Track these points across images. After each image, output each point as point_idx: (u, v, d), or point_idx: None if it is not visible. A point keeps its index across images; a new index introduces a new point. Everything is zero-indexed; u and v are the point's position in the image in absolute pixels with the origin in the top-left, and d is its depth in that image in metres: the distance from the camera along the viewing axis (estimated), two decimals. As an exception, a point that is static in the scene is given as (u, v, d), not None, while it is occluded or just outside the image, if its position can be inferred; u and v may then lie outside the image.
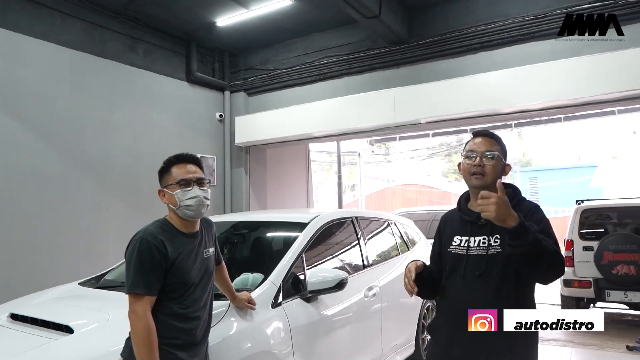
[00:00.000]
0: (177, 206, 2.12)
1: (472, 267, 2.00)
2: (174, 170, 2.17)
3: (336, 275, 3.10)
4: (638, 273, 6.38)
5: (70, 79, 5.89)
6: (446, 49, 6.24)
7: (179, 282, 2.06)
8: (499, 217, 1.73)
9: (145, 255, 1.99)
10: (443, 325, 2.12)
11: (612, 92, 5.14)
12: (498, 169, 2.03)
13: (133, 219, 6.37)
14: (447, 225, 2.22)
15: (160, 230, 2.09)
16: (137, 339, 1.92)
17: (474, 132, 2.14)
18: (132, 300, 1.97)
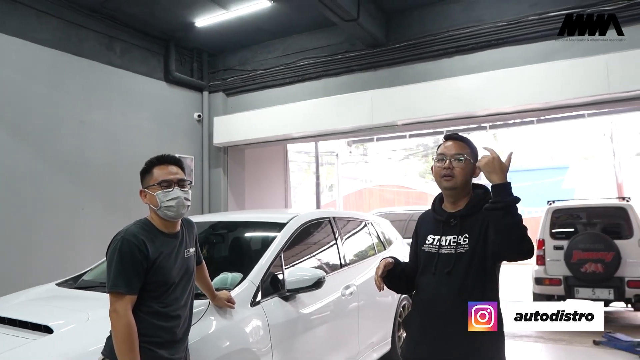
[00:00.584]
0: (158, 207, 2.15)
1: (442, 264, 2.10)
2: (156, 171, 2.20)
3: (314, 274, 3.16)
4: (604, 271, 6.63)
5: (46, 78, 5.83)
6: (422, 53, 6.37)
7: (160, 281, 2.08)
8: (485, 168, 1.90)
9: (126, 255, 2.01)
10: (416, 320, 2.20)
11: (580, 97, 5.33)
12: (467, 171, 2.11)
13: (111, 219, 6.34)
14: (422, 225, 2.31)
15: (142, 230, 2.12)
16: (119, 337, 1.94)
17: (445, 136, 2.23)
18: (113, 299, 1.99)
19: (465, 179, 2.11)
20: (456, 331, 2.02)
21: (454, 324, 2.03)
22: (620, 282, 6.65)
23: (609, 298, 6.77)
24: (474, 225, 2.07)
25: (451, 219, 2.14)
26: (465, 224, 2.10)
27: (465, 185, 2.14)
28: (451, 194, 2.15)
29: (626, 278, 6.58)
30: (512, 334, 6.38)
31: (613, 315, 7.74)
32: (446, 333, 2.05)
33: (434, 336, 2.08)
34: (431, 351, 2.09)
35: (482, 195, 2.13)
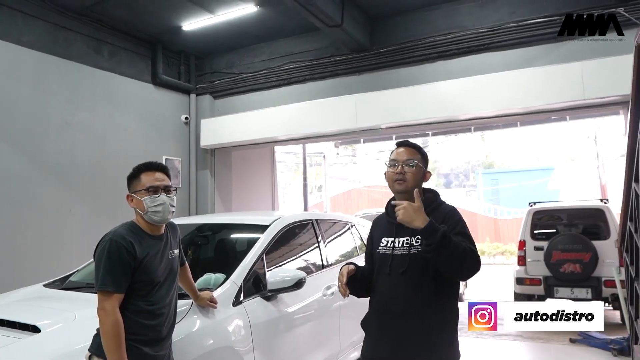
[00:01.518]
0: (144, 211, 2.25)
1: (396, 265, 2.17)
2: (143, 177, 2.31)
3: (295, 275, 3.27)
4: (582, 271, 6.80)
5: (32, 80, 5.87)
6: (406, 58, 6.51)
7: (146, 280, 2.18)
8: (405, 219, 1.98)
9: (115, 256, 2.11)
10: (374, 320, 2.27)
11: (557, 103, 5.51)
12: (418, 176, 2.22)
13: (97, 220, 6.40)
14: (376, 228, 2.40)
15: (129, 232, 2.22)
16: (106, 334, 2.03)
17: (396, 143, 2.32)
18: (101, 298, 2.08)
19: (416, 183, 2.21)
20: (414, 329, 2.10)
21: (411, 322, 2.11)
22: (597, 281, 6.83)
23: (587, 297, 6.94)
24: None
25: None
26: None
27: (417, 188, 2.20)
28: (403, 198, 2.20)
29: (603, 278, 6.75)
30: (492, 333, 6.54)
31: (592, 314, 7.93)
32: (404, 331, 2.12)
33: (393, 335, 2.15)
34: (390, 349, 2.15)
35: (432, 198, 2.26)
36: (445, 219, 2.14)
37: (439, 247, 1.93)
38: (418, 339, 2.10)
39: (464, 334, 6.50)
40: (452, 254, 1.94)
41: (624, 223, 3.29)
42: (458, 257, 1.95)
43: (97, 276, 2.11)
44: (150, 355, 2.17)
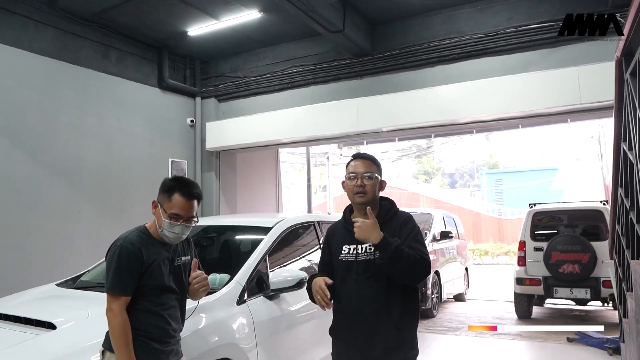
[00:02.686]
0: (160, 228, 2.34)
1: (362, 270, 2.27)
2: (175, 199, 2.32)
3: (296, 275, 3.42)
4: (581, 271, 6.92)
5: (42, 86, 6.03)
6: (406, 62, 6.64)
7: (153, 285, 2.30)
8: (360, 236, 2.17)
9: (123, 261, 2.24)
10: (344, 326, 2.35)
11: (555, 107, 5.61)
12: (377, 186, 2.37)
13: (105, 222, 6.57)
14: (334, 236, 2.48)
15: (139, 238, 2.33)
16: (114, 333, 2.17)
17: (353, 155, 2.47)
18: (109, 300, 2.22)
19: (375, 194, 2.36)
20: (385, 330, 2.22)
21: (382, 323, 2.23)
22: (596, 282, 6.94)
23: (586, 297, 7.08)
24: (388, 233, 2.22)
25: None
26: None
27: (375, 199, 2.38)
28: (363, 208, 2.29)
29: (602, 278, 6.86)
30: (491, 332, 6.68)
31: (592, 314, 8.05)
32: (376, 332, 2.23)
33: (365, 337, 2.25)
34: (362, 352, 2.26)
35: (388, 206, 2.41)
36: (402, 226, 2.31)
37: (392, 259, 2.11)
38: (389, 339, 2.23)
39: (464, 333, 6.66)
40: (403, 265, 2.13)
41: (613, 226, 3.41)
42: (409, 267, 2.14)
43: (106, 279, 2.25)
44: (158, 349, 2.30)
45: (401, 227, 2.31)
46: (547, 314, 8.09)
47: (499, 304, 9.09)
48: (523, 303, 7.64)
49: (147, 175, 7.28)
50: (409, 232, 2.29)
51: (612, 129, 2.76)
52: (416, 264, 2.16)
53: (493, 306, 8.99)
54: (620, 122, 2.50)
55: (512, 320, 7.59)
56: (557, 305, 8.60)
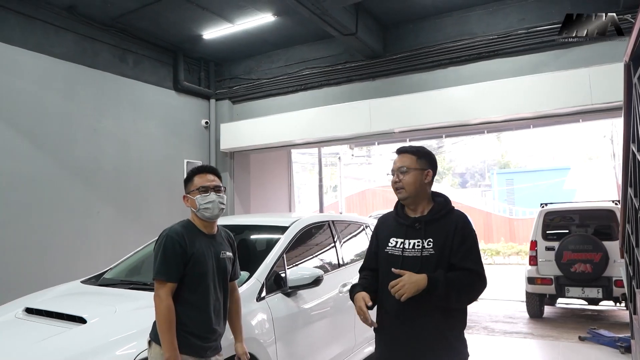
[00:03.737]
0: (197, 209, 2.48)
1: (408, 267, 2.14)
2: (196, 179, 2.54)
3: (313, 273, 3.52)
4: (593, 271, 6.93)
5: (62, 89, 6.21)
6: (418, 64, 6.72)
7: (196, 273, 2.39)
8: (412, 292, 2.05)
9: (169, 249, 2.36)
10: (386, 322, 2.26)
11: (565, 107, 5.67)
12: (415, 180, 2.24)
13: (122, 221, 6.73)
14: (383, 227, 2.39)
15: (183, 229, 2.46)
16: (160, 318, 2.28)
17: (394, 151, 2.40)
18: (157, 286, 2.33)
19: (414, 188, 2.24)
20: (429, 331, 2.14)
21: (426, 324, 2.14)
22: (608, 281, 6.94)
23: (598, 297, 7.08)
24: (439, 231, 2.18)
25: (416, 223, 2.24)
26: (429, 228, 2.21)
27: (418, 194, 2.25)
28: (407, 203, 2.28)
29: (614, 278, 6.86)
30: (503, 331, 6.73)
31: (604, 313, 8.05)
32: (420, 333, 2.15)
33: (408, 337, 2.17)
34: (406, 351, 2.18)
35: (443, 204, 2.28)
36: (455, 231, 2.18)
37: (446, 295, 2.07)
38: (433, 341, 2.15)
39: (476, 331, 6.72)
40: (459, 294, 2.10)
41: (623, 225, 3.48)
42: (465, 294, 2.13)
43: (154, 267, 2.37)
44: (198, 345, 2.39)
45: (455, 233, 2.18)
46: (558, 314, 8.12)
47: (511, 303, 9.12)
48: (535, 302, 7.66)
49: (163, 176, 7.45)
50: (462, 241, 2.17)
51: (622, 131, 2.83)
52: (472, 289, 2.13)
53: (504, 306, 9.01)
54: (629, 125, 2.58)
55: (524, 319, 7.63)
56: (569, 305, 8.61)
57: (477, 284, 2.14)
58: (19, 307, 3.14)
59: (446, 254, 2.16)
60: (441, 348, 2.16)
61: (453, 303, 2.14)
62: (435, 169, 2.32)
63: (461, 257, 2.15)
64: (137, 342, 2.51)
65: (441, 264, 2.15)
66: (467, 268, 2.13)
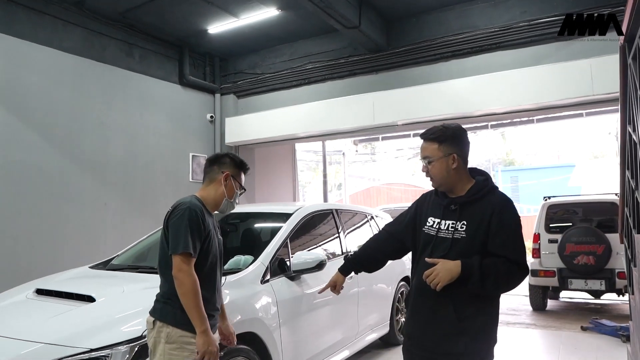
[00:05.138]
0: (230, 198, 2.50)
1: (437, 248, 2.11)
2: (243, 176, 2.60)
3: (316, 257, 3.60)
4: (596, 263, 6.94)
5: (71, 83, 6.31)
6: (421, 57, 6.78)
7: (207, 252, 2.35)
8: (447, 280, 2.00)
9: (194, 222, 2.26)
10: (411, 299, 2.28)
11: (567, 98, 5.71)
12: (442, 168, 2.13)
13: (129, 213, 6.84)
14: (424, 204, 2.32)
15: (200, 205, 2.39)
16: (188, 293, 2.17)
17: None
18: (180, 260, 2.19)
19: (442, 176, 2.14)
20: (444, 314, 2.08)
21: (442, 307, 2.08)
22: (611, 273, 6.96)
23: (601, 289, 7.09)
24: (474, 214, 2.08)
25: (452, 204, 2.15)
26: (465, 210, 2.11)
27: (449, 180, 2.15)
28: (442, 190, 2.20)
29: (617, 270, 6.88)
30: (506, 322, 6.78)
31: (607, 306, 8.08)
32: (434, 314, 2.11)
33: (424, 316, 2.16)
34: (421, 329, 2.18)
35: (483, 183, 2.15)
36: (492, 216, 2.06)
37: (482, 283, 1.99)
38: (446, 324, 2.08)
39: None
40: (496, 282, 2.02)
41: (622, 209, 3.52)
42: (503, 282, 2.04)
43: (175, 240, 2.23)
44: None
45: (491, 217, 2.06)
46: (562, 307, 8.15)
47: (514, 297, 9.16)
48: (538, 295, 7.69)
49: (169, 169, 7.56)
50: (499, 227, 2.05)
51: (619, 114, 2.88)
52: (510, 275, 2.03)
53: (508, 299, 9.05)
54: (625, 106, 2.63)
55: (527, 311, 7.67)
56: (572, 300, 8.64)
57: (516, 273, 2.03)
58: (29, 289, 3.24)
59: (479, 239, 2.06)
60: (456, 336, 2.06)
61: (489, 291, 2.06)
62: (461, 148, 2.15)
63: (499, 244, 2.04)
64: (143, 319, 2.55)
65: (472, 248, 2.05)
66: (504, 256, 2.02)
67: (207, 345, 2.21)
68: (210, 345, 2.21)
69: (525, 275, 2.07)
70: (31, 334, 2.52)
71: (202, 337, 2.19)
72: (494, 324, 2.16)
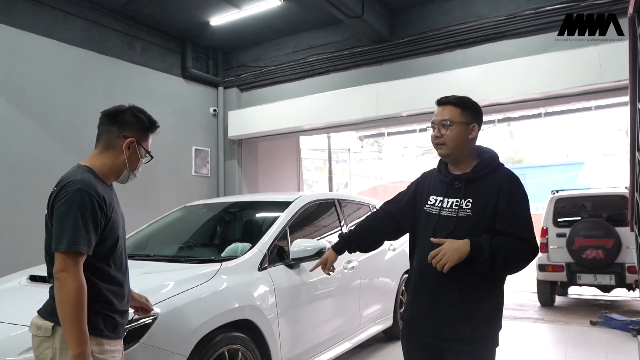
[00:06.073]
0: (133, 169, 2.04)
1: (441, 227, 2.01)
2: (150, 137, 2.09)
3: (316, 245, 3.51)
4: (605, 257, 6.79)
5: (71, 75, 6.27)
6: (425, 47, 6.67)
7: (113, 236, 1.90)
8: (455, 260, 1.88)
9: (88, 211, 1.75)
10: (412, 282, 2.18)
11: (575, 87, 5.58)
12: (458, 135, 2.01)
13: (130, 206, 6.69)
14: (425, 184, 2.21)
15: (96, 182, 1.87)
16: (68, 301, 1.67)
17: (435, 101, 2.14)
18: (66, 258, 1.70)
19: (457, 144, 2.02)
20: (448, 297, 1.98)
21: (446, 289, 1.98)
22: (621, 268, 6.80)
23: (610, 284, 6.94)
24: (480, 191, 1.99)
25: (456, 181, 2.05)
26: (470, 187, 2.02)
27: (461, 150, 2.04)
28: (449, 160, 2.09)
29: (627, 264, 6.74)
30: (512, 317, 6.65)
31: (617, 303, 7.93)
32: (437, 297, 2.01)
33: (427, 300, 2.06)
34: (423, 314, 2.08)
35: (489, 160, 2.06)
36: (500, 193, 1.97)
37: (491, 263, 1.90)
38: (451, 308, 1.99)
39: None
40: (505, 262, 1.91)
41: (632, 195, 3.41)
42: (512, 262, 1.93)
43: (60, 232, 1.73)
44: (120, 323, 1.93)
45: (499, 194, 1.96)
46: (570, 303, 8.01)
47: (522, 294, 9.02)
48: (546, 290, 7.55)
49: (171, 163, 7.50)
50: (507, 204, 1.95)
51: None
52: (520, 254, 1.93)
53: (515, 296, 8.92)
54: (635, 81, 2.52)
55: (535, 307, 7.53)
56: (581, 296, 8.48)
57: (526, 252, 1.94)
58: (22, 276, 3.18)
59: (486, 217, 1.96)
60: (461, 320, 1.97)
61: (498, 272, 1.96)
62: (481, 123, 2.09)
63: (507, 222, 1.94)
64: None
65: (478, 227, 1.95)
66: (513, 235, 1.93)
67: None
68: None
69: (535, 255, 1.98)
70: (21, 318, 2.46)
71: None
72: (499, 308, 2.07)
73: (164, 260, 3.49)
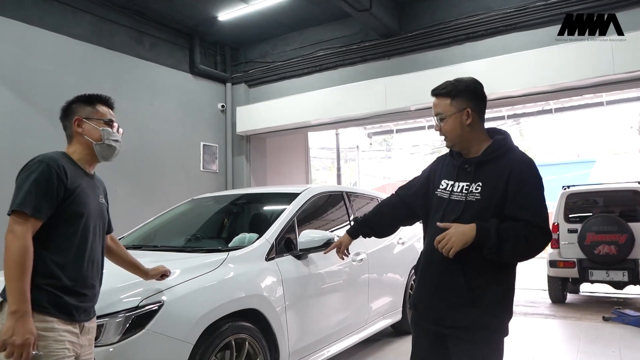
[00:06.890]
0: (100, 141, 2.06)
1: (449, 211, 1.98)
2: (101, 108, 2.13)
3: (324, 236, 3.46)
4: (618, 253, 6.67)
5: (79, 70, 6.28)
6: (434, 41, 6.60)
7: (75, 212, 1.92)
8: (461, 245, 1.83)
9: (43, 178, 1.83)
10: (420, 267, 2.15)
11: (586, 79, 5.49)
12: (455, 125, 1.99)
13: (138, 201, 6.79)
14: (438, 168, 2.18)
15: (63, 158, 1.97)
16: (11, 260, 1.71)
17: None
18: (14, 220, 1.77)
19: (456, 134, 2.00)
20: (454, 282, 1.94)
21: (452, 274, 1.94)
22: (634, 263, 6.68)
23: (623, 280, 6.82)
24: (491, 174, 1.94)
25: (466, 164, 2.02)
26: (480, 171, 1.97)
27: (464, 138, 2.01)
28: (457, 149, 2.06)
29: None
30: (523, 313, 6.57)
31: (630, 300, 7.81)
32: (444, 282, 1.98)
33: (433, 285, 2.03)
34: (428, 299, 2.05)
35: (500, 142, 2.00)
36: (510, 176, 1.90)
37: (498, 248, 1.83)
38: (455, 294, 1.94)
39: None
40: (515, 247, 1.83)
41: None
42: (522, 248, 1.85)
43: (13, 198, 1.80)
44: (71, 305, 1.87)
45: (509, 177, 1.90)
46: (582, 300, 7.90)
47: (533, 291, 8.92)
48: (557, 286, 7.44)
49: (180, 158, 7.51)
50: (518, 188, 1.88)
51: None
52: (530, 240, 1.85)
53: (526, 292, 8.83)
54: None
55: (546, 304, 7.44)
56: (593, 293, 8.37)
57: (537, 238, 1.85)
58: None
59: (495, 201, 1.90)
60: (465, 306, 1.92)
61: (507, 258, 1.89)
62: (476, 103, 2.00)
63: (517, 206, 1.86)
64: (143, 289, 2.53)
65: (488, 211, 1.90)
66: (524, 220, 1.85)
67: (11, 333, 1.66)
68: (18, 334, 1.66)
69: (548, 241, 1.90)
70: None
71: (11, 320, 1.67)
72: (508, 297, 1.98)
73: (171, 250, 3.47)
